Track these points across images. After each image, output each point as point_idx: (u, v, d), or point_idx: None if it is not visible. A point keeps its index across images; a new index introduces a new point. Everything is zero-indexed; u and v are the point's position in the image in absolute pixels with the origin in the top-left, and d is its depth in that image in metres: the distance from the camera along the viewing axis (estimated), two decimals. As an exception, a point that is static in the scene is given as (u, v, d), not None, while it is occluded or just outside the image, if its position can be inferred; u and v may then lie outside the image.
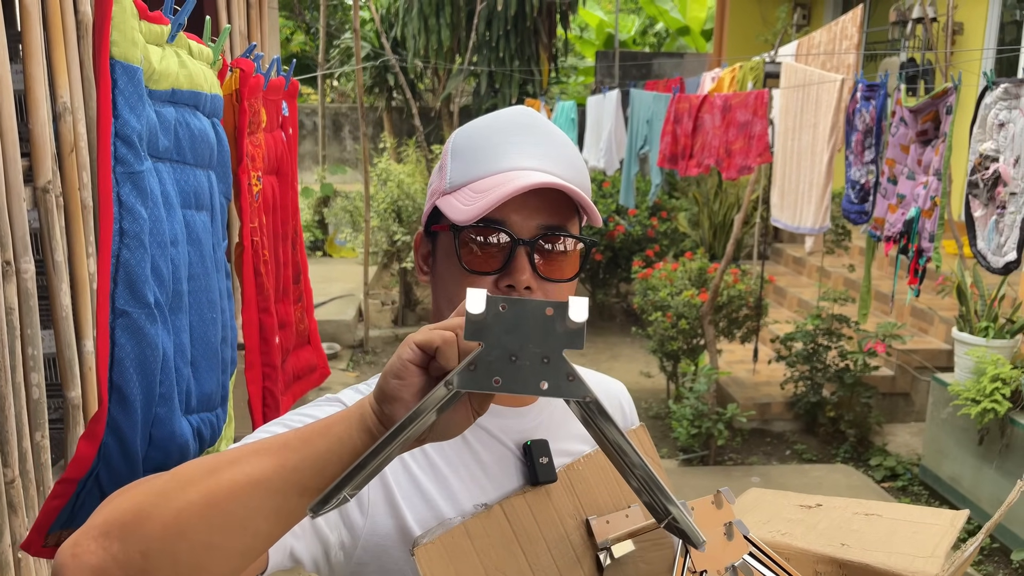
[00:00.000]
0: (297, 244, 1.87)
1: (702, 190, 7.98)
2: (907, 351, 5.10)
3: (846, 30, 4.25)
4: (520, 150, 0.91)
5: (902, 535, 1.16)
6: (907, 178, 3.36)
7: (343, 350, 6.57)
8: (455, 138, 0.95)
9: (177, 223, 1.15)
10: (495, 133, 0.93)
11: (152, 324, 1.05)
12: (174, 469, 0.73)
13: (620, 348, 6.90)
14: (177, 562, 0.66)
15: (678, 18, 13.86)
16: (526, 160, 0.90)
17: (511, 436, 0.95)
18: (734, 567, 0.86)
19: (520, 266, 0.88)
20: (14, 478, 1.69)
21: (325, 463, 0.68)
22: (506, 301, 0.62)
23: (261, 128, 1.61)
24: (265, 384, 1.56)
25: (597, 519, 0.94)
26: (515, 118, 0.94)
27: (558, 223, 0.90)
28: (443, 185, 0.93)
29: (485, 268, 0.89)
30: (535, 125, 0.94)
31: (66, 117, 1.80)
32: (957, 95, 3.03)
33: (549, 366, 0.61)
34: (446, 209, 0.90)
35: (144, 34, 1.09)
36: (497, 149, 0.91)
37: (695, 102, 4.99)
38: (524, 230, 0.88)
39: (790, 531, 1.19)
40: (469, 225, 0.88)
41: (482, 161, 0.91)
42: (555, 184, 0.86)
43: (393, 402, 0.68)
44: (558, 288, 0.91)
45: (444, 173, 0.93)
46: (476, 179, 0.90)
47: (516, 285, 0.88)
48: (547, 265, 0.90)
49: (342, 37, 12.22)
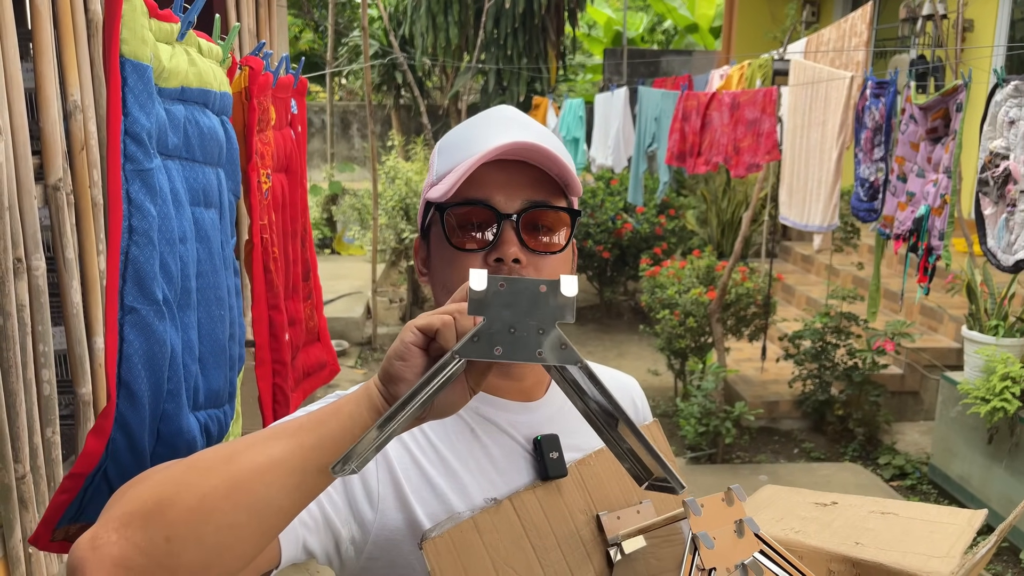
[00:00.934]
0: (306, 241, 1.88)
1: (710, 188, 7.96)
2: (916, 349, 5.08)
3: (855, 27, 4.23)
4: (497, 133, 0.93)
5: (917, 535, 1.14)
6: (917, 176, 3.35)
7: (351, 347, 6.59)
8: (441, 140, 1.00)
9: (186, 220, 1.16)
10: (475, 127, 0.96)
11: (160, 321, 1.05)
12: (188, 458, 0.75)
13: (627, 346, 6.89)
14: (202, 544, 0.68)
15: (686, 15, 13.83)
16: (502, 139, 0.92)
17: (521, 431, 0.95)
18: (743, 565, 0.86)
19: (507, 239, 0.89)
20: (25, 473, 1.70)
21: (340, 440, 0.71)
22: (505, 280, 0.68)
23: (270, 126, 1.61)
24: (275, 381, 1.57)
25: (608, 515, 0.94)
26: (496, 112, 0.98)
27: (543, 199, 0.92)
28: (431, 180, 0.97)
29: (473, 245, 0.91)
30: (515, 117, 0.97)
31: (76, 115, 1.81)
32: (967, 92, 3.01)
33: (544, 336, 0.67)
34: (431, 196, 0.93)
35: (154, 32, 1.09)
36: (476, 138, 0.94)
37: (703, 99, 4.97)
38: (509, 207, 0.90)
39: (804, 529, 1.18)
40: (454, 204, 0.90)
41: (462, 149, 0.94)
42: (526, 143, 0.88)
43: (398, 382, 0.72)
44: (548, 260, 0.92)
45: (432, 170, 0.98)
46: (458, 163, 0.93)
47: (504, 258, 0.89)
48: (534, 238, 0.91)
49: (350, 35, 12.24)
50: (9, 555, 1.71)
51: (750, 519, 0.91)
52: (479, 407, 0.94)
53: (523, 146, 0.88)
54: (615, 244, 7.30)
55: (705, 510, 0.89)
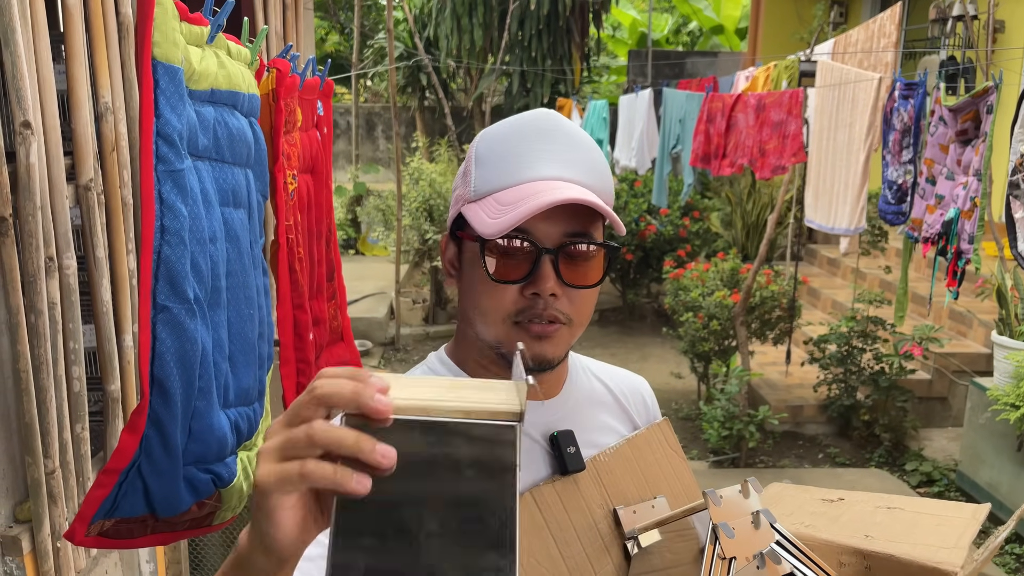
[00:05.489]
0: (331, 242, 1.89)
1: (735, 190, 7.91)
2: (945, 354, 5.02)
3: (884, 28, 4.19)
4: (544, 158, 0.91)
5: (925, 527, 1.16)
6: (946, 178, 3.30)
7: (375, 347, 6.62)
8: (478, 144, 0.95)
9: (216, 220, 1.17)
10: (519, 141, 0.92)
11: (192, 319, 1.07)
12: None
13: (651, 348, 6.87)
14: None
15: (712, 17, 13.75)
16: (550, 168, 0.90)
17: (537, 428, 0.96)
18: (762, 554, 0.87)
19: (545, 274, 0.88)
20: (54, 469, 1.73)
21: None
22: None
23: (297, 127, 1.63)
24: (299, 380, 1.58)
25: (624, 509, 0.96)
26: (537, 123, 0.94)
27: (582, 229, 0.90)
28: (468, 192, 0.93)
29: (511, 277, 0.89)
30: (558, 130, 0.94)
31: (108, 117, 1.83)
32: (998, 94, 2.97)
33: None
34: (472, 219, 0.91)
35: (185, 35, 1.11)
36: (521, 159, 0.91)
37: (728, 101, 4.94)
38: (548, 238, 0.89)
39: (813, 523, 1.19)
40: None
41: (506, 171, 0.91)
42: (580, 200, 0.86)
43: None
44: (582, 295, 0.92)
45: (469, 180, 0.94)
46: (500, 189, 0.90)
47: (541, 293, 0.89)
48: (571, 272, 0.90)
49: (376, 37, 12.31)
50: (38, 549, 1.74)
51: (766, 510, 0.93)
52: None
53: (576, 201, 0.86)
54: (639, 246, 7.27)
55: (724, 501, 0.91)
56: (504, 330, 0.90)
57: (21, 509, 1.75)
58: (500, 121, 0.97)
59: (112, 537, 1.10)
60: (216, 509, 1.23)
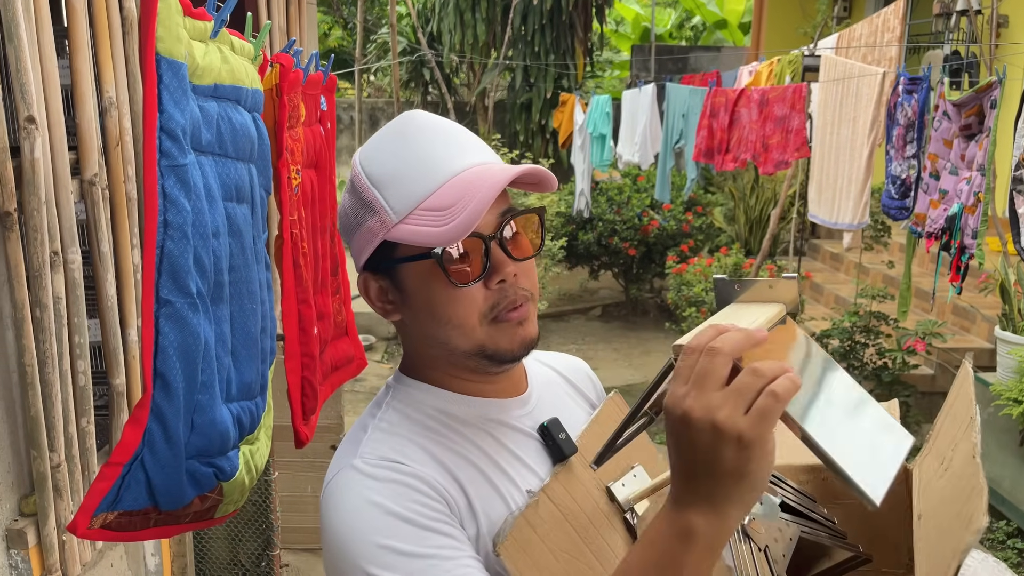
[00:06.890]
0: (335, 237, 1.90)
1: (738, 185, 7.90)
2: (948, 349, 5.01)
3: (888, 22, 4.18)
4: (446, 152, 0.89)
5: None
6: (950, 173, 3.30)
7: (378, 342, 6.64)
8: (366, 170, 0.91)
9: (219, 215, 1.18)
10: (410, 146, 0.90)
11: (194, 313, 1.07)
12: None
13: (653, 343, 6.87)
14: None
15: (715, 11, 13.72)
16: (460, 159, 0.89)
17: (525, 422, 0.98)
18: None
19: (501, 260, 0.89)
20: (60, 462, 1.74)
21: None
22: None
23: (300, 122, 1.63)
24: (304, 374, 1.59)
25: (615, 484, 1.00)
26: (410, 126, 0.91)
27: (507, 205, 0.91)
28: (385, 219, 0.88)
29: (473, 276, 0.88)
30: (430, 124, 0.92)
31: (112, 112, 1.84)
32: (1002, 89, 2.96)
33: None
34: (411, 238, 0.87)
35: (188, 30, 1.11)
36: (425, 161, 0.89)
37: (732, 96, 4.94)
38: (488, 225, 0.88)
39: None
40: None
41: (419, 179, 0.88)
42: (514, 175, 0.87)
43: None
44: (530, 265, 0.93)
45: (378, 206, 0.89)
46: (425, 196, 0.87)
47: (506, 278, 0.89)
48: (517, 248, 0.91)
49: (379, 32, 12.30)
50: (43, 542, 1.75)
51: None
52: (486, 413, 0.96)
53: (514, 176, 0.87)
54: (641, 241, 7.27)
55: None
56: (484, 331, 0.90)
57: (27, 503, 1.76)
58: (364, 145, 0.94)
59: (115, 530, 1.11)
60: (218, 503, 1.24)
